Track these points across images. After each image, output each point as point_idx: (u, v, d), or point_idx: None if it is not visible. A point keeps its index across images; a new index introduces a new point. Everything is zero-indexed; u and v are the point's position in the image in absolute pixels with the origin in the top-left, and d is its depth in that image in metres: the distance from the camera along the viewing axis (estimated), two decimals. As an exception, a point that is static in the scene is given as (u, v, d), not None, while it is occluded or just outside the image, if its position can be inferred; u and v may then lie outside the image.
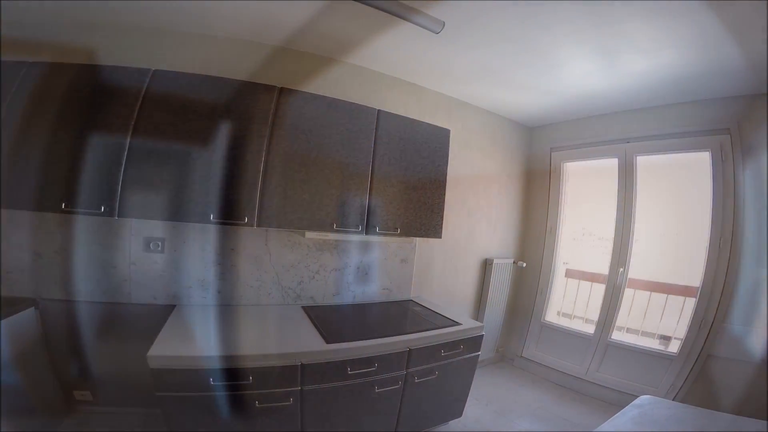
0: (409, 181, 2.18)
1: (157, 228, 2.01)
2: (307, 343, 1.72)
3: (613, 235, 2.90)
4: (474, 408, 2.53)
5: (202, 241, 2.09)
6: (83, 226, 1.93)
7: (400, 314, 2.35)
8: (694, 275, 2.52)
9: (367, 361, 1.74)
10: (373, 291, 2.55)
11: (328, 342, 1.73)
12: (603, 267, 2.98)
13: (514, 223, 3.43)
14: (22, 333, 1.81)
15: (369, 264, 2.51)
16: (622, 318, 2.86)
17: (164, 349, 1.48)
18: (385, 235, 2.10)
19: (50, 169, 1.58)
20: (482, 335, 2.19)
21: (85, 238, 1.94)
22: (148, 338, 1.53)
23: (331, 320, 2.06)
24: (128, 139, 1.65)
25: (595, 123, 3.01)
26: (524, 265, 3.38)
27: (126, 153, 1.64)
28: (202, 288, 2.11)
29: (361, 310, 2.35)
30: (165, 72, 1.73)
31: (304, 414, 1.65)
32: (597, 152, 3.06)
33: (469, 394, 2.25)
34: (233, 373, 1.49)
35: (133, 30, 2.01)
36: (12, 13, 1.82)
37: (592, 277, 3.16)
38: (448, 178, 2.34)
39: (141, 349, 1.46)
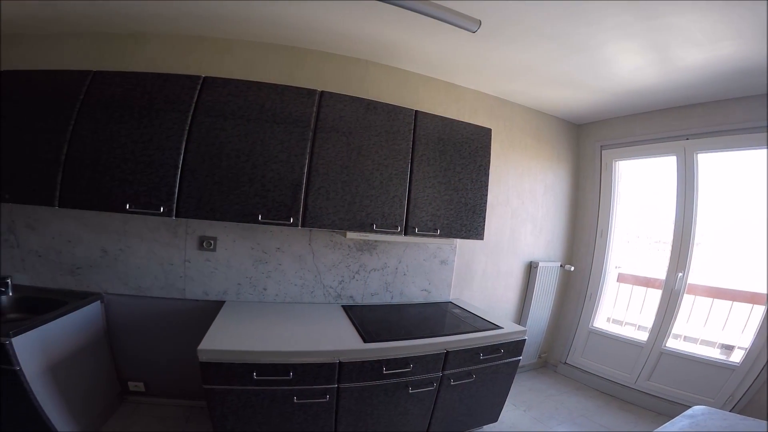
0: (449, 181, 2.15)
1: (210, 227, 2.13)
2: (345, 341, 1.74)
3: (671, 238, 2.71)
4: (511, 413, 2.48)
5: (251, 240, 2.19)
6: (144, 225, 2.08)
7: (439, 316, 2.33)
8: (763, 281, 2.30)
9: (403, 362, 1.74)
10: (411, 292, 2.55)
11: (365, 341, 1.75)
12: (660, 271, 2.80)
13: (561, 224, 3.28)
14: (88, 325, 1.97)
15: (408, 265, 2.51)
16: (679, 325, 2.67)
17: (213, 343, 1.55)
18: (424, 236, 2.09)
19: (116, 172, 1.71)
20: (524, 340, 2.12)
21: (146, 237, 2.10)
22: (199, 332, 1.62)
23: (369, 320, 2.08)
24: (183, 144, 1.75)
25: (650, 119, 2.82)
26: (572, 268, 3.23)
27: (182, 157, 1.75)
28: (250, 285, 2.21)
29: (399, 310, 2.35)
30: (214, 79, 1.82)
31: (339, 411, 1.67)
32: (652, 150, 2.86)
33: (507, 400, 2.20)
34: (275, 369, 1.54)
35: (183, 38, 2.15)
36: (69, 23, 2.02)
37: (647, 282, 2.98)
38: (490, 178, 2.29)
39: (192, 342, 1.55)
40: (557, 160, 3.22)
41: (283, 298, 2.26)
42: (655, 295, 2.80)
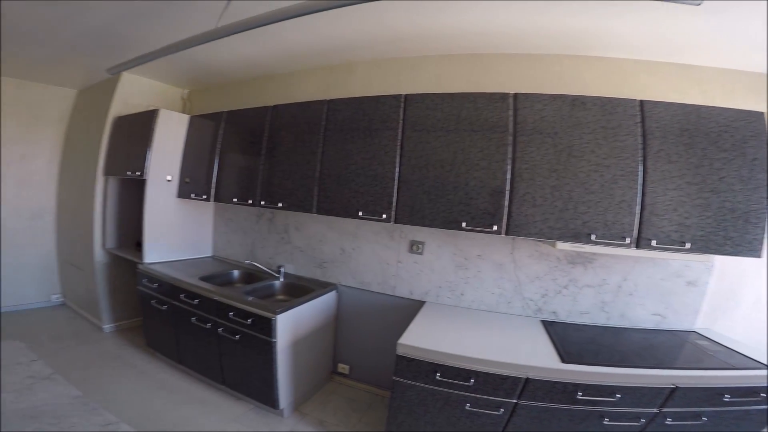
0: (704, 181, 1.66)
1: (419, 232, 2.37)
2: (539, 358, 1.60)
3: None
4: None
5: (453, 246, 2.30)
6: (370, 229, 2.50)
7: (673, 346, 1.86)
8: None
9: (608, 390, 1.50)
10: (637, 315, 2.09)
11: (564, 361, 1.57)
12: None
13: None
14: (325, 310, 2.47)
15: (636, 283, 2.07)
16: None
17: (410, 339, 1.69)
18: (666, 250, 1.68)
19: (351, 185, 2.11)
20: (807, 385, 1.46)
21: (370, 239, 2.51)
22: (400, 328, 1.80)
23: (573, 339, 1.86)
24: (398, 158, 2.00)
25: None
26: None
27: (397, 170, 2.00)
28: (449, 289, 2.32)
29: (615, 334, 1.99)
30: (413, 95, 2.01)
31: (508, 427, 1.59)
32: None
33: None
34: (458, 373, 1.56)
35: (381, 62, 2.49)
36: (304, 61, 2.60)
37: None
38: (772, 175, 1.66)
39: (392, 336, 1.72)
40: None
41: (479, 306, 2.27)
42: None
